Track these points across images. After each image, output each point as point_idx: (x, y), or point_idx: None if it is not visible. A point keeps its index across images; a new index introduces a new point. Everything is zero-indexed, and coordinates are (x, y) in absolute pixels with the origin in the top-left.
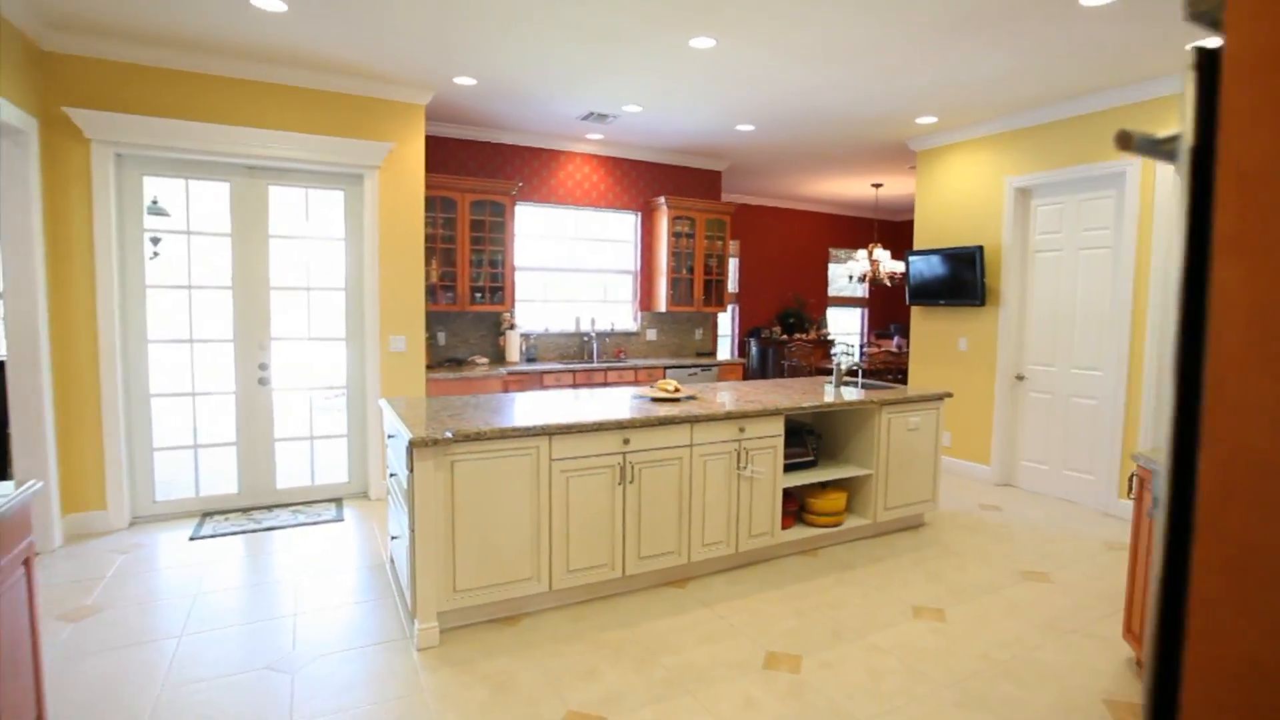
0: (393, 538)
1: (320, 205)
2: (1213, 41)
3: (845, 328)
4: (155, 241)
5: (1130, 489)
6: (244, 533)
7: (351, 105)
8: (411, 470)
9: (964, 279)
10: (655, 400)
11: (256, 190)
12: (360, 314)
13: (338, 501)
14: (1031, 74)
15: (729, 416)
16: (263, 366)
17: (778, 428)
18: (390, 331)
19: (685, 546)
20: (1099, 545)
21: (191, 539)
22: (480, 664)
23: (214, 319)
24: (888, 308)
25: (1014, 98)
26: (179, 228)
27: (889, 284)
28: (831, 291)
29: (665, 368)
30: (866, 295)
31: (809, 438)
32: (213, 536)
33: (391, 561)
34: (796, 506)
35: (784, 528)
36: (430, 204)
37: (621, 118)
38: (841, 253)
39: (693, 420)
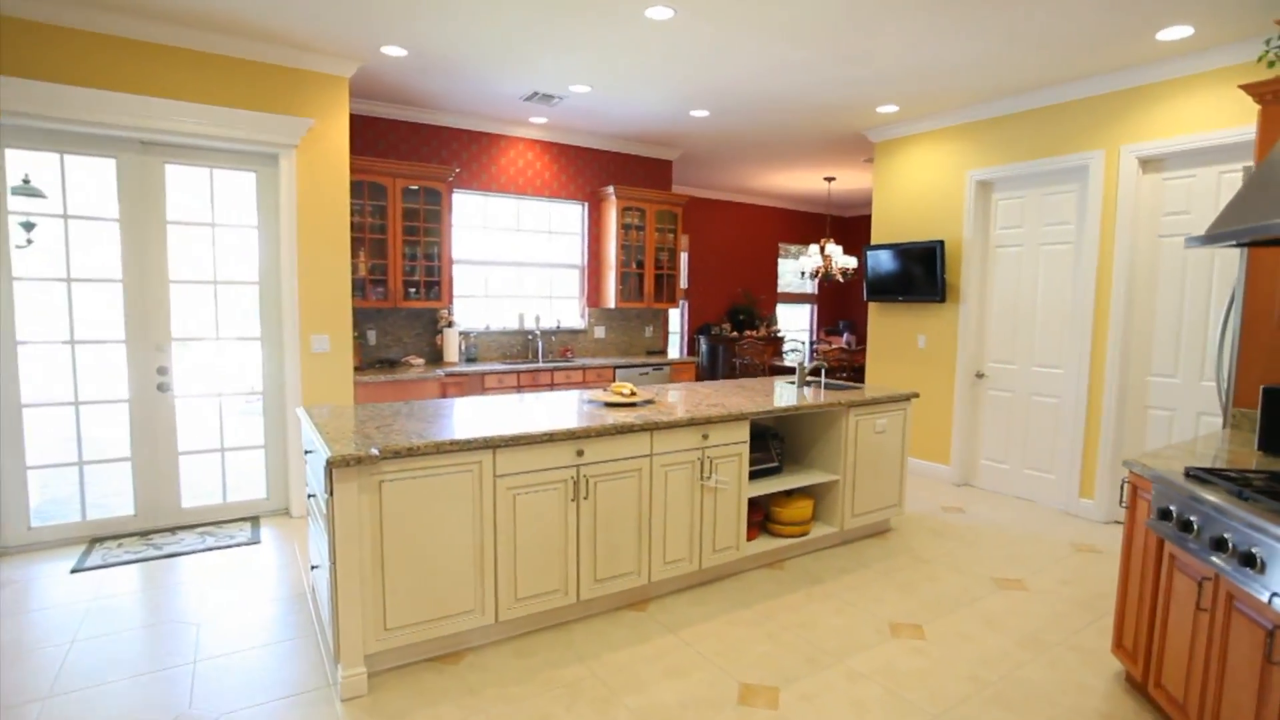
0: (313, 567)
1: (229, 188)
2: None
3: (794, 324)
4: (28, 227)
5: (1122, 497)
6: (140, 561)
7: (265, 75)
8: (331, 493)
9: (924, 274)
10: (609, 405)
11: (150, 169)
12: (277, 311)
13: (254, 520)
14: (1001, 61)
15: (692, 423)
16: (162, 370)
17: (743, 433)
18: (312, 330)
19: (645, 566)
20: (1066, 547)
21: (74, 571)
22: (415, 716)
23: (102, 317)
24: (837, 304)
25: (979, 87)
26: (55, 210)
27: (841, 279)
28: (780, 288)
29: (615, 367)
30: (815, 291)
31: (773, 442)
32: (101, 567)
33: (313, 590)
34: (761, 516)
35: (748, 539)
36: (357, 190)
37: (569, 99)
38: (793, 248)
39: (652, 427)
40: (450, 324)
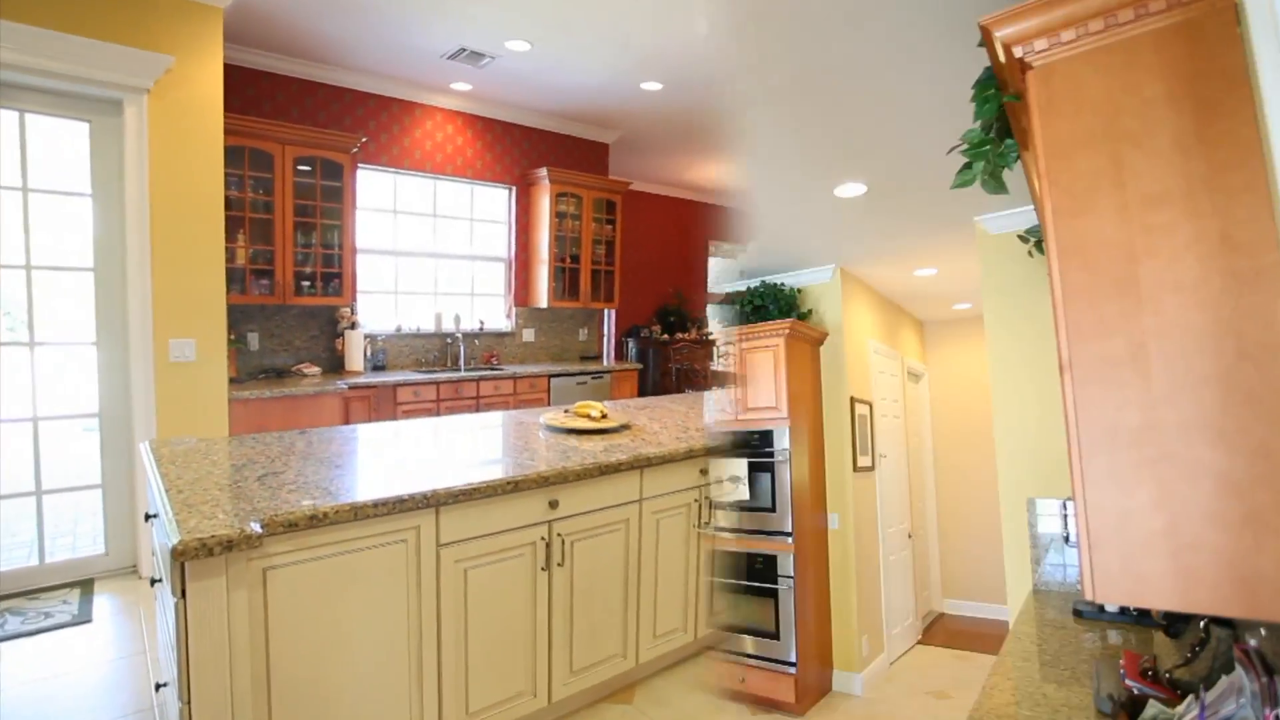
0: (159, 685)
1: (51, 142)
2: None
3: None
4: None
5: None
6: None
7: None
8: (182, 596)
9: None
10: (575, 432)
11: None
12: (121, 306)
13: (85, 587)
14: None
15: (690, 455)
16: None
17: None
18: (171, 332)
19: (633, 645)
20: None
21: None
22: None
23: None
24: None
25: None
26: None
27: None
28: (710, 288)
29: (550, 376)
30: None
31: None
32: None
33: (162, 710)
34: None
35: None
36: (236, 157)
37: (502, 59)
38: (727, 246)
39: (644, 464)
40: (354, 325)
